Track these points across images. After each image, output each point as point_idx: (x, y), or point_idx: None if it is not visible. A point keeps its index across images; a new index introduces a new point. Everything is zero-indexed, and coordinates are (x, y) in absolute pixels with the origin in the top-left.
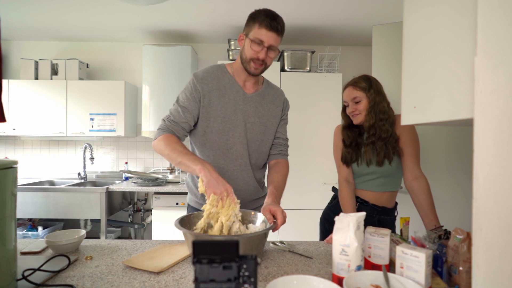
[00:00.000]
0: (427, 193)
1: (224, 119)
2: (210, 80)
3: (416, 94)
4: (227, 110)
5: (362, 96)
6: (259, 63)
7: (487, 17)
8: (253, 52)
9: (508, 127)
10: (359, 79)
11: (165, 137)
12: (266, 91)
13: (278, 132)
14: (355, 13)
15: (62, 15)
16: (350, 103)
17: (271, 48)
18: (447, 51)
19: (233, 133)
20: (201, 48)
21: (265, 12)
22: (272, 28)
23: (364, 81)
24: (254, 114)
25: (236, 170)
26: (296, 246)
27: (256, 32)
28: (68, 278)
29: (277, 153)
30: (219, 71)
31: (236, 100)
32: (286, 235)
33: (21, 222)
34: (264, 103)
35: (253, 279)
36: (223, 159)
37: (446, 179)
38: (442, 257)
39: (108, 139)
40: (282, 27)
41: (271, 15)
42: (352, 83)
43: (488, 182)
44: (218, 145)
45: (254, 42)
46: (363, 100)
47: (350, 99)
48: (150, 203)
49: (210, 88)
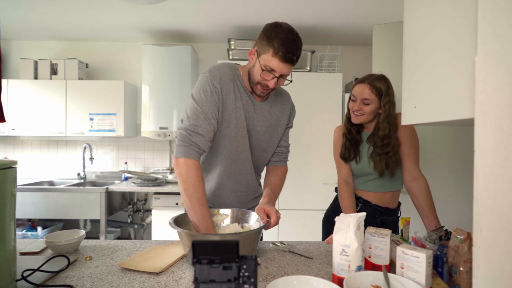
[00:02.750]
0: (426, 194)
1: (237, 125)
2: (227, 82)
3: (416, 94)
4: (240, 116)
5: (374, 100)
6: (266, 89)
7: (487, 17)
8: (263, 79)
9: (508, 127)
10: (377, 80)
11: (188, 165)
12: (274, 98)
13: (282, 140)
14: (355, 13)
15: (62, 15)
16: (359, 101)
17: (283, 77)
18: (448, 51)
19: (243, 140)
20: (201, 48)
21: (282, 37)
22: (287, 61)
23: (382, 84)
24: (261, 123)
25: (242, 174)
26: (296, 246)
27: (268, 59)
28: (68, 279)
29: (278, 160)
30: (233, 73)
31: (248, 106)
32: (286, 235)
33: (20, 222)
34: (272, 112)
35: (253, 280)
36: (231, 164)
37: (446, 179)
38: (443, 258)
39: (108, 139)
40: (299, 55)
41: (288, 42)
42: (370, 82)
43: (488, 182)
44: (229, 150)
45: (265, 70)
46: (373, 104)
47: (360, 97)
48: (149, 203)
49: (227, 91)
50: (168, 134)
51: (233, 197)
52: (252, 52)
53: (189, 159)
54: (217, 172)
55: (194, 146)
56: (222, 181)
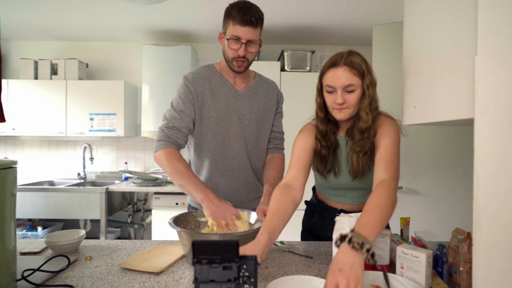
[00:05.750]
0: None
1: (219, 119)
2: (201, 80)
3: (416, 94)
4: (221, 109)
5: (358, 84)
6: (241, 61)
7: (487, 17)
8: (233, 50)
9: (508, 127)
10: (352, 56)
11: (166, 152)
12: (259, 85)
13: (273, 126)
14: (355, 13)
15: (62, 15)
16: (339, 91)
17: (251, 42)
18: (448, 51)
19: (229, 132)
20: (201, 48)
21: (238, 5)
22: (246, 23)
23: (360, 60)
24: (249, 111)
25: (235, 169)
26: (296, 246)
27: (231, 29)
28: (68, 279)
29: (272, 147)
30: (208, 70)
31: (229, 98)
32: (286, 235)
33: (20, 222)
34: (257, 98)
35: (253, 280)
36: (220, 159)
37: (446, 179)
38: (443, 258)
39: (108, 139)
40: (258, 17)
41: (243, 8)
42: (347, 62)
43: (488, 182)
44: (215, 145)
45: (231, 40)
46: (359, 89)
47: (340, 85)
48: (149, 203)
49: (202, 89)
50: None
51: (232, 196)
52: (221, 36)
53: (166, 148)
54: (209, 171)
55: (168, 139)
56: (215, 179)
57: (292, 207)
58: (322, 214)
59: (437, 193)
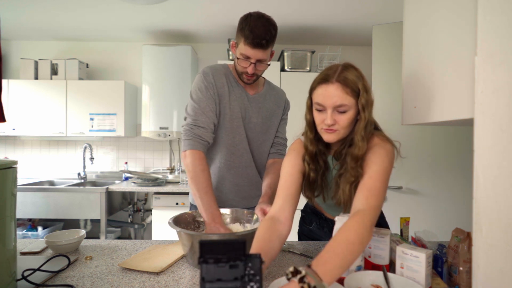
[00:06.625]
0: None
1: (232, 116)
2: (220, 76)
3: (416, 94)
4: (235, 107)
5: (351, 103)
6: (250, 76)
7: (487, 17)
8: (242, 67)
9: (508, 127)
10: (347, 71)
11: (194, 156)
12: (268, 92)
13: (277, 131)
14: (355, 13)
15: (62, 15)
16: (330, 111)
17: (260, 62)
18: (447, 51)
19: (239, 130)
20: (201, 48)
21: (251, 24)
22: (256, 46)
23: (355, 76)
24: (257, 115)
25: (242, 167)
26: (296, 246)
27: (242, 47)
28: (68, 278)
29: (275, 152)
30: (225, 69)
31: (242, 99)
32: None
33: (20, 222)
34: (266, 104)
35: (258, 277)
36: (230, 156)
37: (446, 179)
38: (442, 257)
39: (108, 139)
40: (269, 40)
41: (256, 27)
42: (340, 78)
43: (488, 182)
44: (226, 142)
45: (241, 59)
46: (352, 110)
47: (331, 104)
48: (150, 203)
49: (222, 84)
50: (168, 134)
51: (236, 192)
52: (233, 45)
53: (194, 150)
54: (218, 165)
55: (197, 138)
56: (223, 174)
57: (278, 244)
58: (321, 224)
59: (437, 193)
